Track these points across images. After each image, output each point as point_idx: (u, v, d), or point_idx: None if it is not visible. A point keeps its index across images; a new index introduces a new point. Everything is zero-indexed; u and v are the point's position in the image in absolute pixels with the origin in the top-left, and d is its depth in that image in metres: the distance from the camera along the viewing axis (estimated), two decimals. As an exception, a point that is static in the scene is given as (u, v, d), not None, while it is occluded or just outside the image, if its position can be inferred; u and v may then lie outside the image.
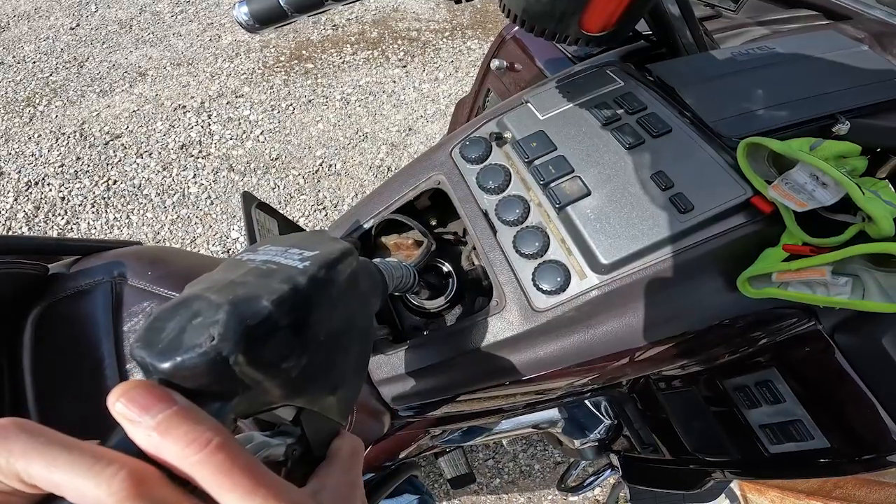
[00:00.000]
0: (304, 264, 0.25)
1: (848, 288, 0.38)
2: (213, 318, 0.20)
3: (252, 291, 0.22)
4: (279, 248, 0.27)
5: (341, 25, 2.59)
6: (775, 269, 0.39)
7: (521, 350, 0.47)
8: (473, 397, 0.60)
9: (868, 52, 0.51)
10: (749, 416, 0.60)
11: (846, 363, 0.47)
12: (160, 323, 0.21)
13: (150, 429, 0.18)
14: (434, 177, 0.56)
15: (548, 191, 0.46)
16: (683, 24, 0.57)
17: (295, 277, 0.24)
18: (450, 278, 0.59)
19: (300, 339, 0.23)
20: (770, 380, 0.55)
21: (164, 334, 0.20)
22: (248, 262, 0.25)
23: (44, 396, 0.69)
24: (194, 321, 0.20)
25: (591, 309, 0.43)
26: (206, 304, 0.21)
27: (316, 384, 0.25)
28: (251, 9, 0.49)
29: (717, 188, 0.43)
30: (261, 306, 0.21)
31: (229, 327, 0.20)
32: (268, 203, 0.49)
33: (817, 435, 0.53)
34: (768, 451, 0.59)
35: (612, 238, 0.42)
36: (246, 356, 0.20)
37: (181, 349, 0.19)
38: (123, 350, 0.72)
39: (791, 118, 0.45)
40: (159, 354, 0.19)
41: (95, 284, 0.76)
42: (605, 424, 0.99)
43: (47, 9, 2.69)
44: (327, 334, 0.25)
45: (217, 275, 0.24)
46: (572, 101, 0.54)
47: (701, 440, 0.75)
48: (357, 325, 0.29)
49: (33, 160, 2.00)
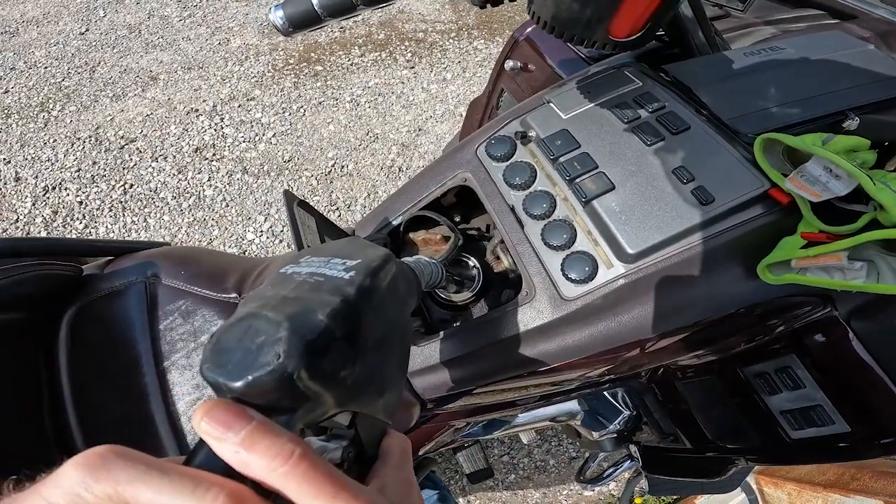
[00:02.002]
0: (350, 274, 0.26)
1: (863, 272, 0.40)
2: (276, 336, 0.21)
3: (306, 306, 0.23)
4: (321, 259, 0.27)
5: (348, 28, 2.62)
6: (794, 256, 0.42)
7: (550, 338, 0.49)
8: (501, 387, 0.63)
9: (874, 51, 0.54)
10: (770, 403, 0.61)
11: (863, 349, 0.49)
12: (225, 344, 0.22)
13: (236, 445, 0.19)
14: (461, 174, 0.59)
15: (573, 186, 0.49)
16: (696, 26, 0.59)
17: (343, 288, 0.24)
18: (476, 272, 0.62)
19: (353, 349, 0.24)
20: (790, 366, 0.57)
21: (232, 355, 0.21)
22: (295, 276, 0.26)
23: (81, 396, 0.71)
24: (258, 339, 0.21)
25: (618, 297, 0.46)
26: (265, 323, 0.22)
27: (368, 389, 0.26)
28: (287, 13, 0.52)
29: (737, 181, 0.45)
30: (317, 320, 0.22)
31: (292, 344, 0.21)
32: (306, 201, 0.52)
33: (838, 420, 0.54)
34: (790, 437, 0.61)
35: (637, 229, 0.45)
36: (308, 371, 0.21)
37: (251, 368, 0.20)
38: (161, 348, 0.74)
39: (803, 115, 0.48)
40: (231, 375, 0.21)
41: (129, 284, 0.79)
42: (625, 415, 0.99)
43: (56, 14, 2.72)
44: (375, 340, 0.26)
45: (268, 290, 0.25)
46: (593, 100, 0.57)
47: (721, 428, 0.76)
48: (398, 327, 0.30)
49: (49, 165, 2.04)
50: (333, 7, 0.53)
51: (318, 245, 0.29)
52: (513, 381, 0.60)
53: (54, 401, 0.71)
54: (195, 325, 0.74)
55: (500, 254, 0.61)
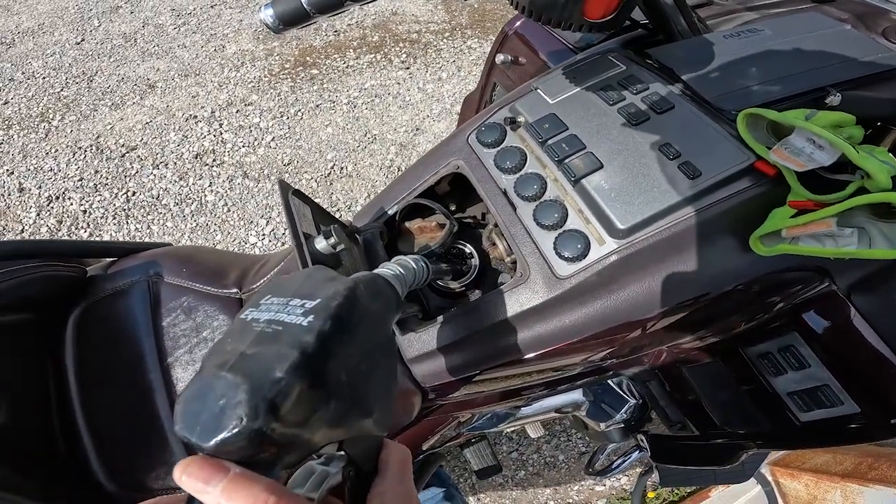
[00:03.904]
0: (309, 319, 0.25)
1: (854, 238, 0.41)
2: (237, 399, 0.22)
3: (264, 363, 0.23)
4: (281, 302, 0.27)
5: (343, 31, 2.64)
6: (785, 226, 0.42)
7: (546, 319, 0.50)
8: (502, 374, 0.63)
9: (850, 30, 0.55)
10: (776, 385, 0.61)
11: (865, 324, 0.49)
12: (191, 405, 0.23)
13: (217, 497, 0.21)
14: (453, 162, 0.60)
15: (562, 167, 0.50)
16: (676, 12, 0.60)
17: (301, 338, 0.24)
18: (472, 259, 0.62)
19: (323, 390, 0.24)
20: (793, 344, 0.57)
21: (199, 417, 0.22)
22: (254, 325, 0.26)
23: (87, 394, 0.72)
24: (220, 402, 0.22)
25: (612, 273, 0.47)
26: (225, 384, 0.22)
27: (350, 417, 0.27)
28: (276, 11, 0.53)
29: (722, 155, 0.46)
30: (275, 378, 0.22)
31: (252, 405, 0.21)
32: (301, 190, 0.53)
33: (846, 400, 0.54)
34: (799, 420, 0.60)
35: (627, 205, 0.46)
36: (278, 423, 0.22)
37: (218, 430, 0.21)
38: (164, 345, 0.75)
39: (785, 92, 0.49)
40: (200, 436, 0.22)
41: (133, 284, 0.80)
42: (631, 404, 0.98)
43: (50, 24, 2.75)
44: (348, 373, 0.26)
45: (228, 345, 0.25)
46: (579, 85, 0.58)
47: (729, 413, 0.75)
48: (376, 345, 0.30)
49: (52, 175, 2.06)
50: (321, 3, 0.54)
51: (279, 280, 0.29)
52: (513, 367, 0.60)
53: (62, 399, 0.72)
54: (197, 321, 0.76)
55: (496, 239, 0.62)
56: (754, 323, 0.62)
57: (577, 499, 1.51)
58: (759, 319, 0.61)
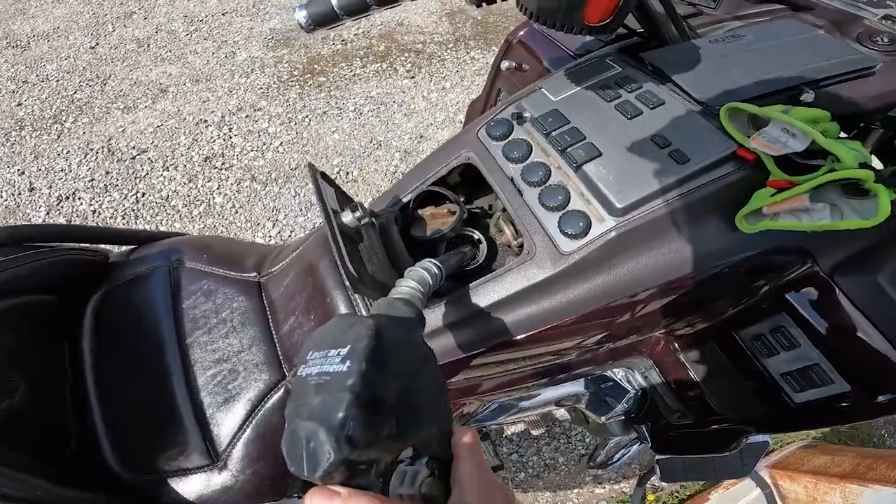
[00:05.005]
0: (347, 364, 0.31)
1: (827, 212, 0.46)
2: (321, 440, 0.28)
3: (328, 407, 0.29)
4: (322, 354, 0.33)
5: (350, 40, 2.72)
6: (765, 204, 0.48)
7: (551, 294, 0.55)
8: (506, 356, 0.67)
9: (824, 35, 0.61)
10: (770, 366, 0.65)
11: (849, 303, 0.54)
12: (292, 450, 0.29)
13: None
14: (464, 154, 0.65)
15: (565, 155, 0.55)
16: (668, 20, 0.66)
17: (346, 382, 0.30)
18: (480, 245, 0.67)
19: (381, 413, 0.30)
20: (783, 325, 0.61)
21: (301, 458, 0.29)
22: (309, 380, 0.32)
23: (103, 377, 0.73)
24: (311, 445, 0.29)
25: (611, 249, 0.52)
26: (307, 430, 0.29)
27: (413, 425, 0.33)
28: (309, 12, 0.59)
29: (708, 144, 0.52)
30: (341, 417, 0.28)
31: (332, 441, 0.28)
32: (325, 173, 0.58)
33: (836, 378, 0.58)
34: (794, 402, 0.64)
35: (623, 187, 0.51)
36: (356, 450, 0.28)
37: (319, 465, 0.28)
38: (183, 327, 0.76)
39: (763, 89, 0.55)
40: (309, 472, 0.28)
41: (154, 269, 0.81)
42: (631, 395, 1.01)
43: (66, 29, 2.83)
44: (397, 390, 0.32)
45: (299, 400, 0.31)
46: (579, 84, 0.64)
47: (726, 398, 0.79)
48: (413, 360, 0.35)
49: (63, 175, 2.11)
50: (350, 7, 0.60)
51: (315, 336, 0.35)
52: (519, 349, 0.64)
53: (77, 383, 0.73)
54: (217, 303, 0.77)
55: (503, 226, 0.66)
56: (744, 306, 0.66)
57: (578, 501, 1.53)
58: (748, 302, 0.65)
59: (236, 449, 0.67)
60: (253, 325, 0.74)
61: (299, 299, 0.72)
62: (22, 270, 0.71)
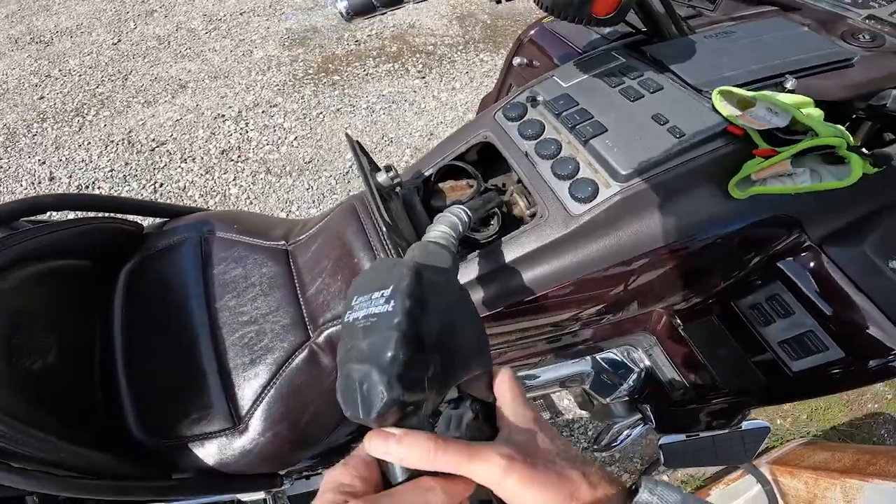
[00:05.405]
0: (391, 304, 0.32)
1: (807, 176, 0.54)
2: (373, 380, 0.29)
3: (377, 348, 0.30)
4: (366, 298, 0.34)
5: (363, 41, 2.80)
6: (753, 171, 0.54)
7: (562, 254, 0.61)
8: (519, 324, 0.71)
9: (808, 32, 0.68)
10: (767, 335, 0.71)
11: (838, 270, 0.60)
12: (346, 394, 0.31)
13: (397, 453, 0.30)
14: (482, 133, 0.72)
15: (574, 131, 0.62)
16: (668, 19, 0.73)
17: (392, 321, 0.31)
18: (495, 216, 0.74)
19: (425, 353, 0.31)
20: (777, 293, 0.67)
21: (356, 401, 0.30)
22: (356, 323, 0.33)
23: (132, 345, 0.75)
24: (364, 387, 0.30)
25: (617, 212, 0.58)
26: (360, 373, 0.30)
27: (455, 367, 0.34)
28: (350, 2, 0.65)
29: (702, 122, 0.59)
30: (390, 356, 0.30)
31: (385, 381, 0.29)
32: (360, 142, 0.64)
33: (831, 345, 0.64)
34: (791, 370, 0.70)
35: (627, 157, 0.58)
36: (406, 390, 0.29)
37: (374, 406, 0.29)
38: (213, 291, 0.78)
39: (751, 76, 0.62)
40: (364, 414, 0.30)
41: (185, 239, 0.84)
42: (634, 374, 1.04)
43: (88, 25, 2.91)
44: (438, 330, 0.33)
45: (349, 344, 0.33)
46: (588, 73, 0.71)
47: (728, 371, 0.83)
48: (451, 300, 0.36)
49: (84, 165, 2.18)
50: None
51: (357, 282, 0.37)
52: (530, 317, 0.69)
53: (105, 348, 0.74)
54: (247, 269, 0.79)
55: (517, 198, 0.73)
56: (738, 276, 0.72)
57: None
58: (741, 273, 0.71)
59: (259, 411, 0.68)
60: (281, 289, 0.76)
61: (326, 262, 0.75)
62: (67, 234, 0.73)
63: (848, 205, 0.62)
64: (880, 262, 0.58)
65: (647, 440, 1.58)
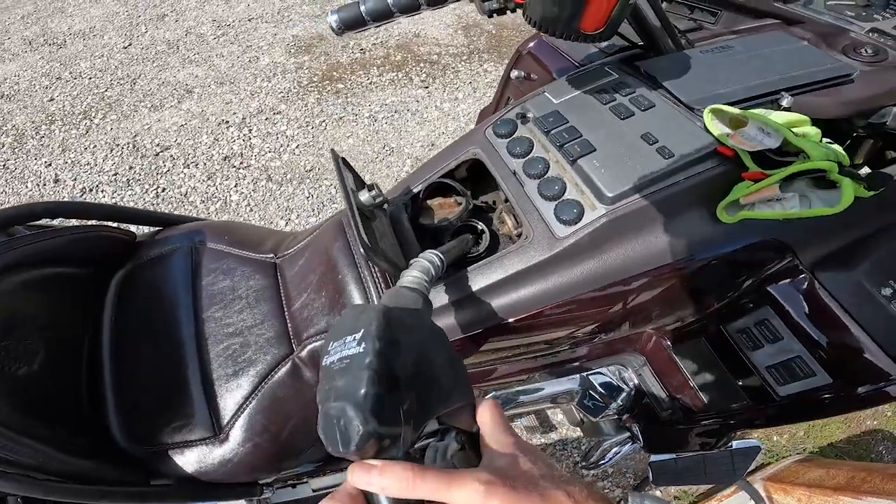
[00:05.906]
0: (362, 346, 0.34)
1: (797, 201, 0.52)
2: (349, 416, 0.31)
3: (352, 387, 0.32)
4: (340, 342, 0.35)
5: (368, 49, 2.81)
6: (742, 195, 0.53)
7: (546, 276, 0.60)
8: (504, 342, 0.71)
9: (807, 46, 0.66)
10: (755, 359, 0.69)
11: (829, 297, 0.58)
12: (326, 432, 0.32)
13: (379, 482, 0.31)
14: (472, 150, 0.71)
15: (562, 150, 0.61)
16: (664, 33, 0.72)
17: (363, 361, 0.33)
18: (483, 235, 0.73)
19: (399, 388, 0.33)
20: (766, 318, 0.66)
21: (336, 436, 0.32)
22: (332, 366, 0.35)
23: (119, 353, 0.74)
24: (341, 423, 0.31)
25: (602, 235, 0.57)
26: (337, 410, 0.32)
27: (432, 400, 0.35)
28: (340, 17, 0.65)
29: (692, 142, 0.57)
30: (363, 393, 0.31)
31: (360, 417, 0.31)
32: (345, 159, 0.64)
33: (818, 371, 0.62)
34: (778, 395, 0.68)
35: (614, 178, 0.56)
36: (382, 425, 0.31)
37: (351, 440, 0.31)
38: (201, 302, 0.78)
39: (745, 94, 0.60)
40: (343, 448, 0.31)
41: (176, 249, 0.84)
42: (624, 393, 1.03)
43: (101, 28, 2.95)
44: (412, 366, 0.35)
45: (326, 385, 0.34)
46: (579, 89, 0.70)
47: (715, 394, 0.82)
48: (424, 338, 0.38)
49: (88, 168, 2.19)
50: (376, 14, 0.66)
51: (332, 329, 0.38)
52: (514, 335, 0.68)
53: (92, 355, 0.74)
54: (234, 281, 0.79)
55: (505, 217, 0.72)
56: (728, 300, 0.71)
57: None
58: (732, 296, 0.70)
59: (240, 421, 0.68)
60: (267, 302, 0.76)
61: (312, 277, 0.75)
62: (61, 242, 0.74)
63: (840, 230, 0.60)
64: (872, 289, 0.56)
65: (641, 456, 1.56)
